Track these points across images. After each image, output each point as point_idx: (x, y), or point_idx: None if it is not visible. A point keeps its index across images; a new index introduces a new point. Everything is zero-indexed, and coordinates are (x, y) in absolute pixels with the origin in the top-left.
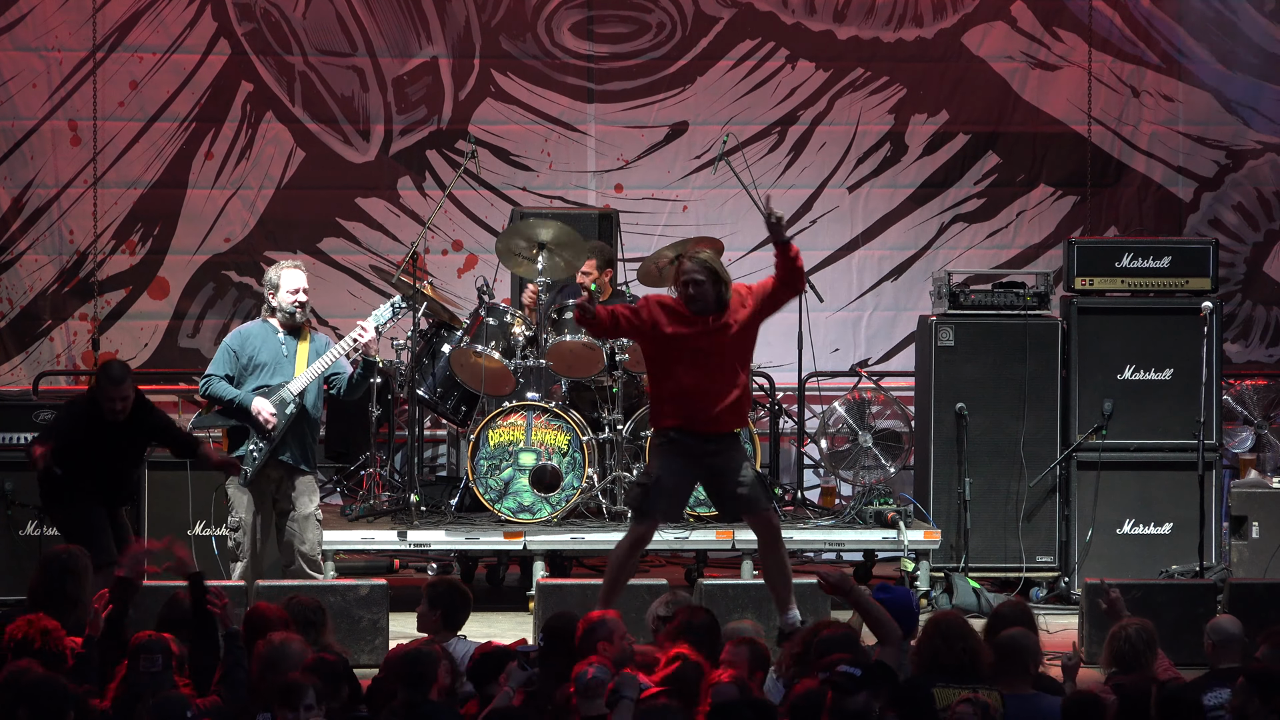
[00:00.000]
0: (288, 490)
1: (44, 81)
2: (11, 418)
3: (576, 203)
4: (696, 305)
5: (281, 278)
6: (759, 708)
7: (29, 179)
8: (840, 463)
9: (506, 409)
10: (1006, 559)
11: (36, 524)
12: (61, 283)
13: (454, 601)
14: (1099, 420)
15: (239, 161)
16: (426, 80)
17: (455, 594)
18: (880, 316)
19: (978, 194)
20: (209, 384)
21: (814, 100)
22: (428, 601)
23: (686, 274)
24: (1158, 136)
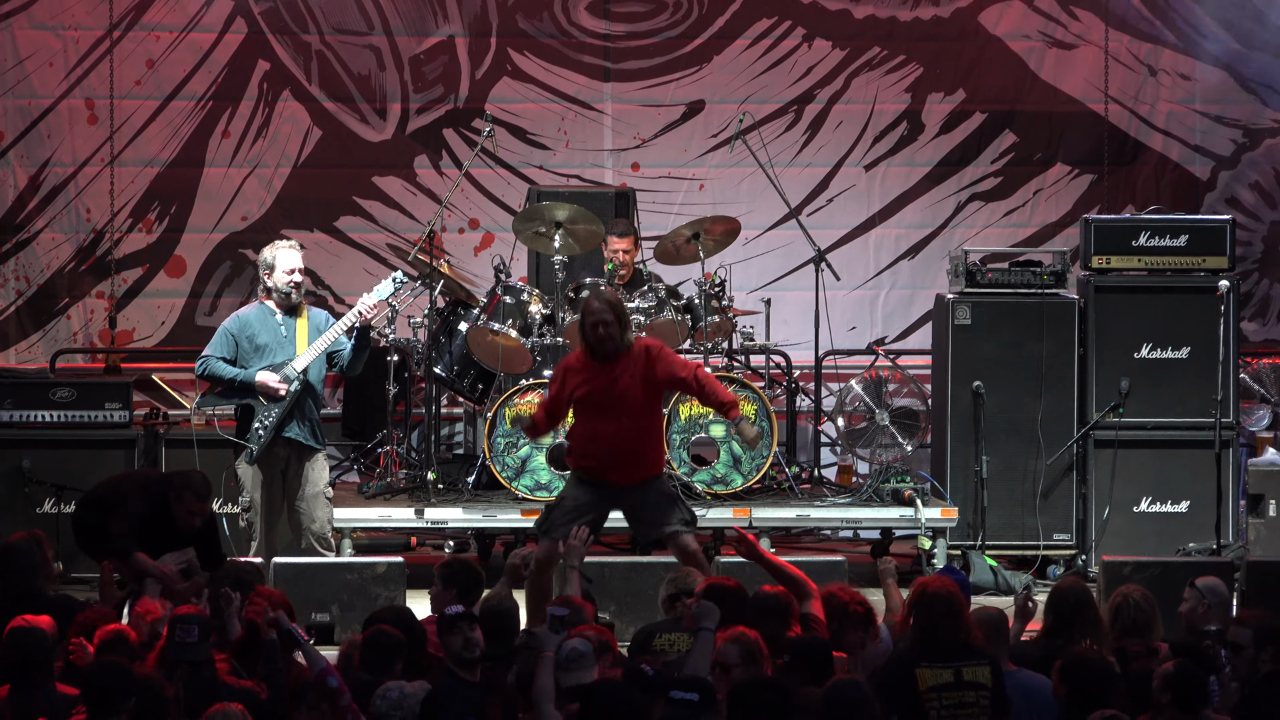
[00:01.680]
0: (297, 467)
1: (61, 60)
2: (29, 395)
3: (593, 181)
4: (606, 346)
5: (277, 258)
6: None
7: (46, 157)
8: (857, 441)
9: (523, 387)
10: (1023, 537)
11: (54, 501)
12: (78, 261)
13: (467, 581)
14: (1116, 398)
15: (256, 140)
16: (443, 59)
17: (468, 573)
18: (897, 295)
19: (994, 173)
20: (206, 364)
21: (830, 79)
22: (441, 581)
23: (595, 314)
24: (1175, 115)
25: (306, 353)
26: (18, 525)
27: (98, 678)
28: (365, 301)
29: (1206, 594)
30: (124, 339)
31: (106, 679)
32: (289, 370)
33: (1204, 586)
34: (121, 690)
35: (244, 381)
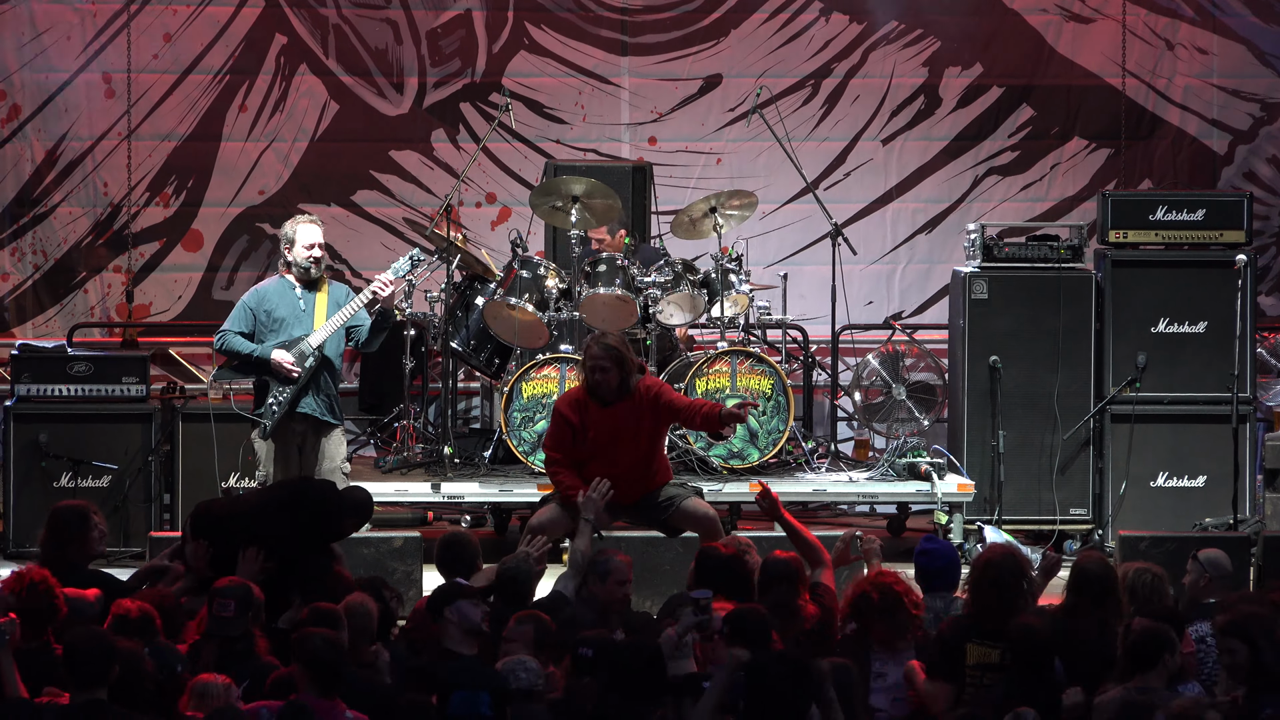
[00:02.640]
0: (314, 443)
1: (78, 34)
2: (46, 370)
3: (610, 155)
4: (601, 392)
5: (297, 233)
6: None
7: (63, 132)
8: (874, 415)
9: (540, 361)
10: (1040, 511)
11: (71, 475)
12: (95, 235)
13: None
14: (1133, 373)
15: (273, 114)
16: (460, 33)
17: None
18: (914, 269)
19: (1012, 147)
20: (224, 339)
21: (848, 53)
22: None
23: (593, 360)
24: (1192, 89)
25: (324, 327)
26: (35, 499)
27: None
28: (384, 278)
29: (1208, 567)
30: (141, 313)
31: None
32: (305, 345)
33: (1205, 559)
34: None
35: (260, 357)
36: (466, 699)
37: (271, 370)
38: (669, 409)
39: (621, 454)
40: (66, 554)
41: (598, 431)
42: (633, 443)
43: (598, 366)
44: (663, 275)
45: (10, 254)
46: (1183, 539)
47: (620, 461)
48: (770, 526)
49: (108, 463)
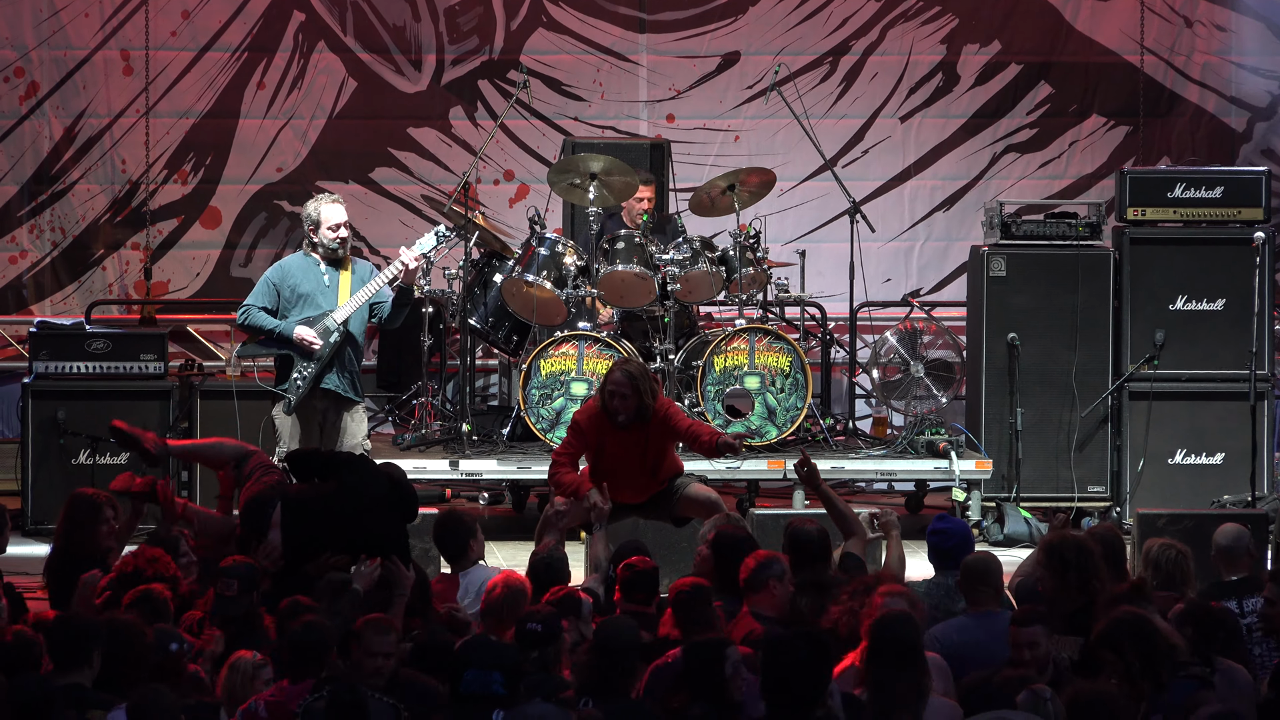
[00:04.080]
0: (335, 419)
1: (96, 11)
2: (64, 347)
3: (628, 133)
4: (618, 418)
5: (321, 213)
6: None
7: (81, 109)
8: (892, 393)
9: (558, 339)
10: (1058, 489)
11: (89, 452)
12: (114, 212)
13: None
14: (1151, 350)
15: (291, 91)
16: (478, 10)
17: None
18: (932, 247)
19: (1030, 124)
20: (248, 314)
21: (866, 30)
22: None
23: (614, 385)
24: (1210, 66)
25: (348, 304)
26: (54, 476)
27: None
28: (407, 254)
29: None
30: (159, 290)
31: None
32: (329, 321)
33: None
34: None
35: (282, 333)
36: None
37: (294, 345)
38: (673, 431)
39: (634, 471)
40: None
41: (612, 451)
42: (642, 460)
43: (617, 393)
44: (681, 252)
45: (29, 231)
46: (1200, 516)
47: (633, 477)
48: (787, 504)
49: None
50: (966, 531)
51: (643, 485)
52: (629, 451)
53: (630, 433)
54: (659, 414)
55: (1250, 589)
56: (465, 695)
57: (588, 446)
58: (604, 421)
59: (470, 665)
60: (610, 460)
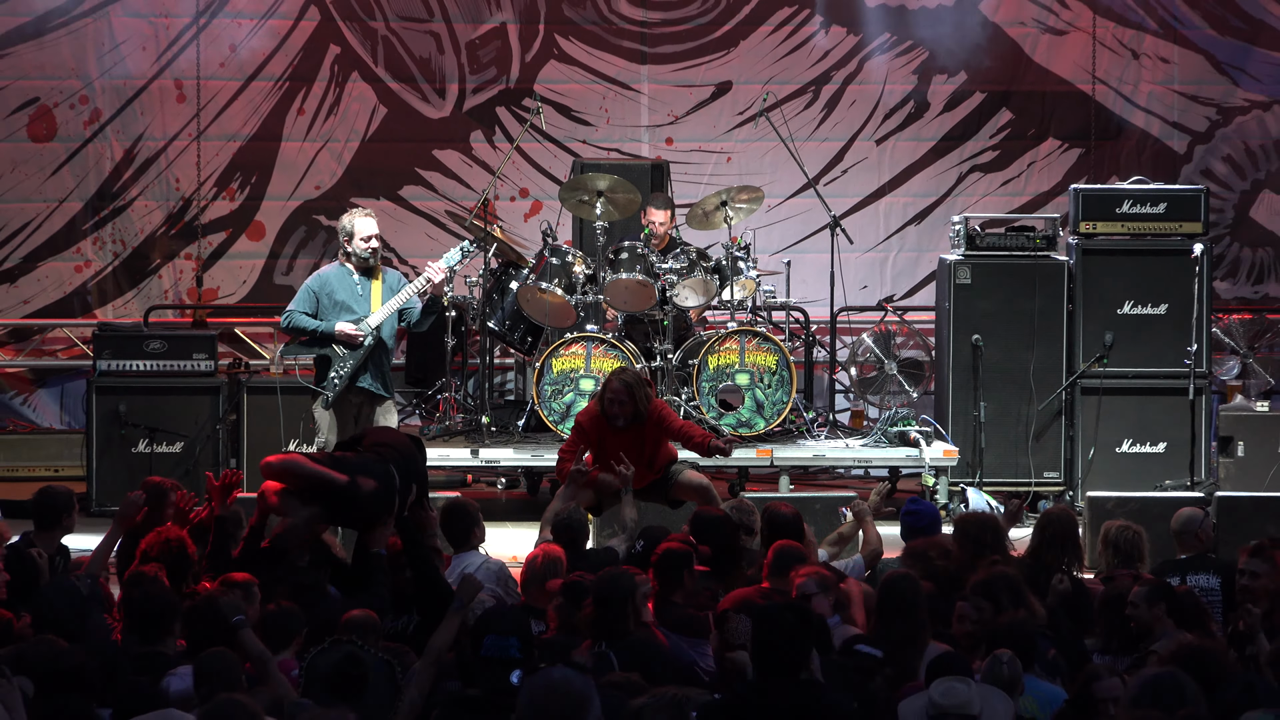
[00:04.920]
0: (369, 414)
1: (152, 45)
2: (124, 347)
3: (631, 154)
4: (616, 422)
5: (355, 226)
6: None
7: (139, 133)
8: (868, 388)
9: (568, 339)
10: (1017, 475)
11: (147, 442)
12: (168, 226)
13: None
14: (1101, 350)
15: (328, 117)
16: (496, 44)
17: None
18: (904, 257)
19: (992, 147)
20: (290, 318)
21: (845, 62)
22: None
23: (613, 393)
24: (1155, 95)
25: (381, 310)
26: (115, 464)
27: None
28: (438, 267)
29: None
30: (209, 296)
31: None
32: (364, 325)
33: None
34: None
35: (324, 333)
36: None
37: (337, 340)
38: (667, 431)
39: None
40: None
41: (611, 448)
42: (639, 456)
43: (615, 400)
44: (679, 262)
45: (92, 243)
46: (1145, 499)
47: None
48: (773, 488)
49: (180, 431)
50: (935, 513)
51: (640, 475)
52: (627, 448)
53: (628, 432)
54: (653, 416)
55: (1198, 566)
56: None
57: (589, 444)
58: (603, 423)
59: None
60: (611, 456)
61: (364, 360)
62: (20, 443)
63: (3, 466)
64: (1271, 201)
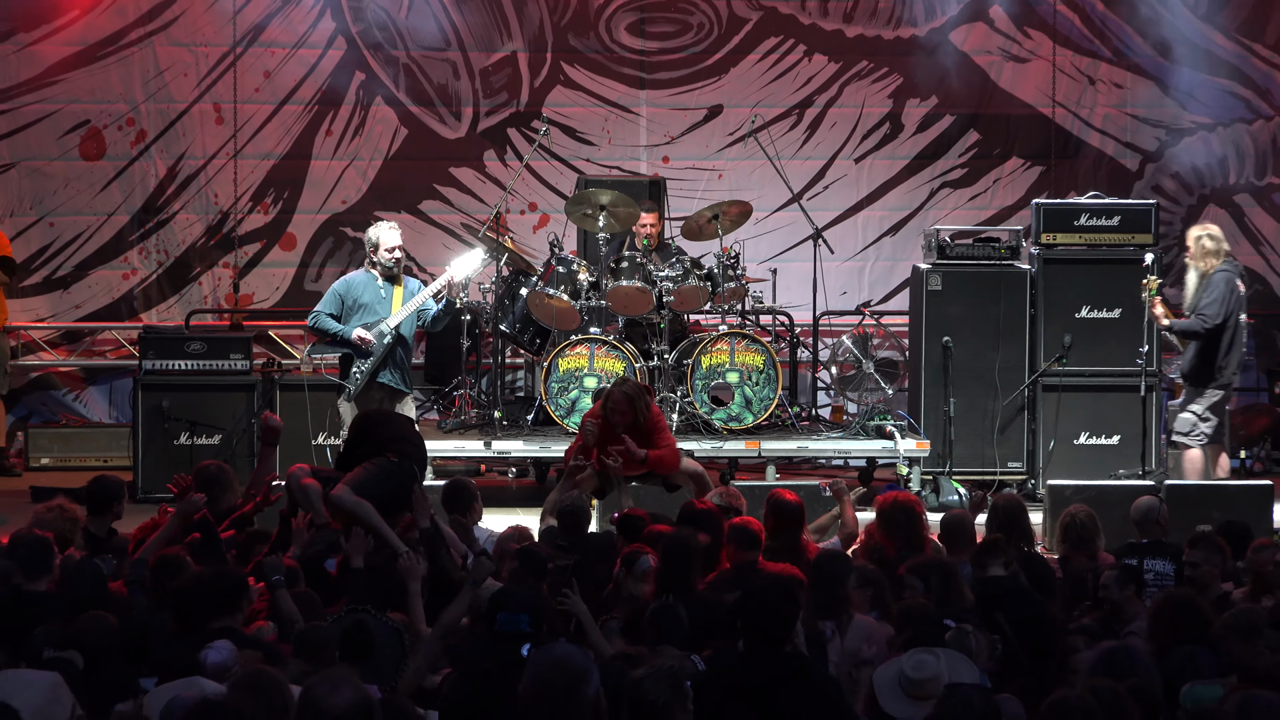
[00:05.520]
0: (389, 407)
1: (193, 71)
2: (167, 348)
3: (631, 171)
4: (617, 430)
5: (380, 238)
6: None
7: (181, 152)
8: (847, 386)
9: (573, 341)
10: (984, 465)
11: (188, 435)
12: (208, 237)
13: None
14: (1060, 351)
15: (353, 137)
16: (507, 71)
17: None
18: (881, 265)
19: (961, 165)
20: (316, 319)
21: (826, 87)
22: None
23: (613, 403)
24: (1109, 117)
25: (400, 312)
26: (159, 455)
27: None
28: (453, 271)
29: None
30: (245, 301)
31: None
32: (384, 326)
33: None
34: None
35: (344, 335)
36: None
37: (353, 344)
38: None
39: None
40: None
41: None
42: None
43: (616, 409)
44: (674, 270)
45: (138, 253)
46: (1101, 487)
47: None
48: (760, 477)
49: (218, 425)
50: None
51: (638, 466)
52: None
53: (627, 434)
54: (651, 423)
55: (1155, 551)
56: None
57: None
58: (605, 424)
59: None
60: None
61: (384, 358)
62: (73, 435)
63: (57, 457)
64: (1216, 215)
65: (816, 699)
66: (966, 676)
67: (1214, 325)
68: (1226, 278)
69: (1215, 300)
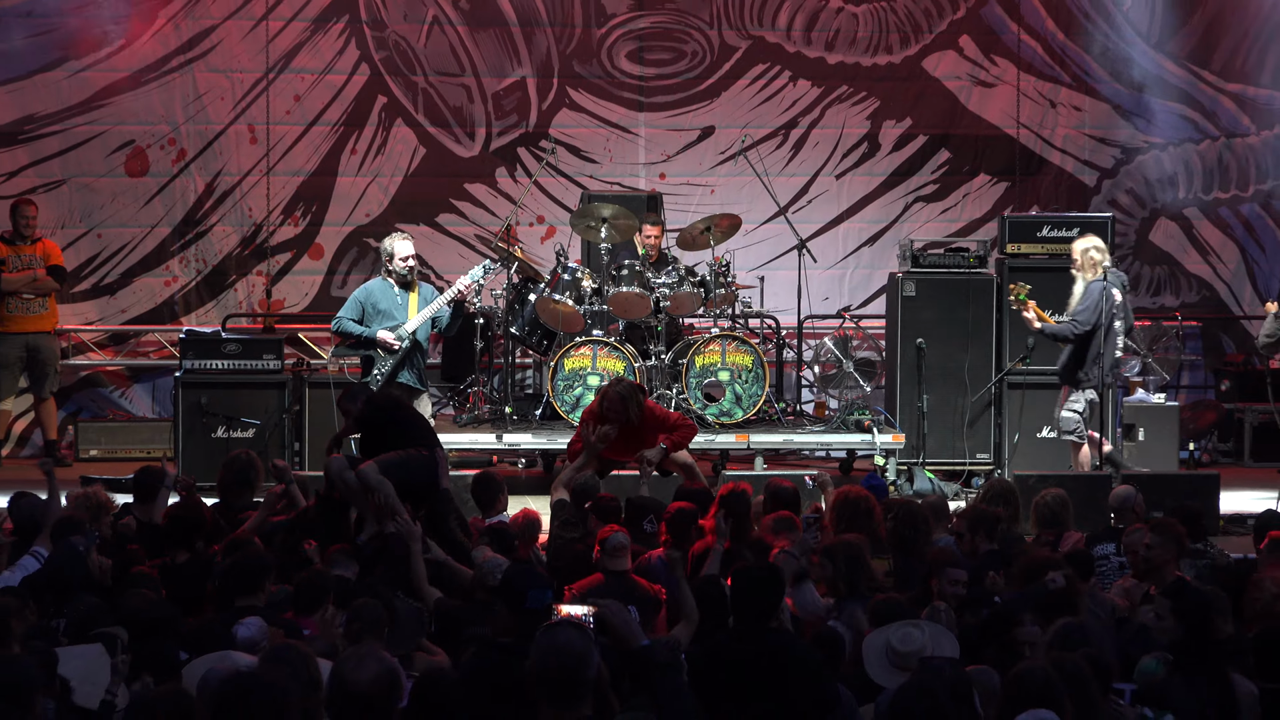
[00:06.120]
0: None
1: (229, 95)
2: (206, 349)
3: (630, 187)
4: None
5: (395, 248)
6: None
7: (218, 169)
8: (829, 383)
9: (578, 342)
10: (954, 456)
11: (224, 429)
12: (243, 247)
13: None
14: (1024, 352)
15: (376, 156)
16: (517, 94)
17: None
18: (860, 273)
19: (933, 181)
20: (340, 323)
21: (810, 110)
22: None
23: (609, 402)
24: (1069, 138)
25: (416, 318)
26: (198, 447)
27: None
28: (462, 281)
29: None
30: (277, 306)
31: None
32: (401, 331)
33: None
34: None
35: (367, 337)
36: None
37: (377, 345)
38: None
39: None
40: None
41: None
42: (629, 445)
43: (612, 408)
44: (670, 277)
45: (179, 262)
46: (1061, 477)
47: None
48: (749, 466)
49: (252, 419)
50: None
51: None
52: (622, 439)
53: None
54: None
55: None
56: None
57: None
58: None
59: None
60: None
61: (402, 359)
62: (119, 429)
63: (104, 449)
64: (1167, 227)
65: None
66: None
67: (1083, 331)
68: (1102, 287)
69: (1088, 307)
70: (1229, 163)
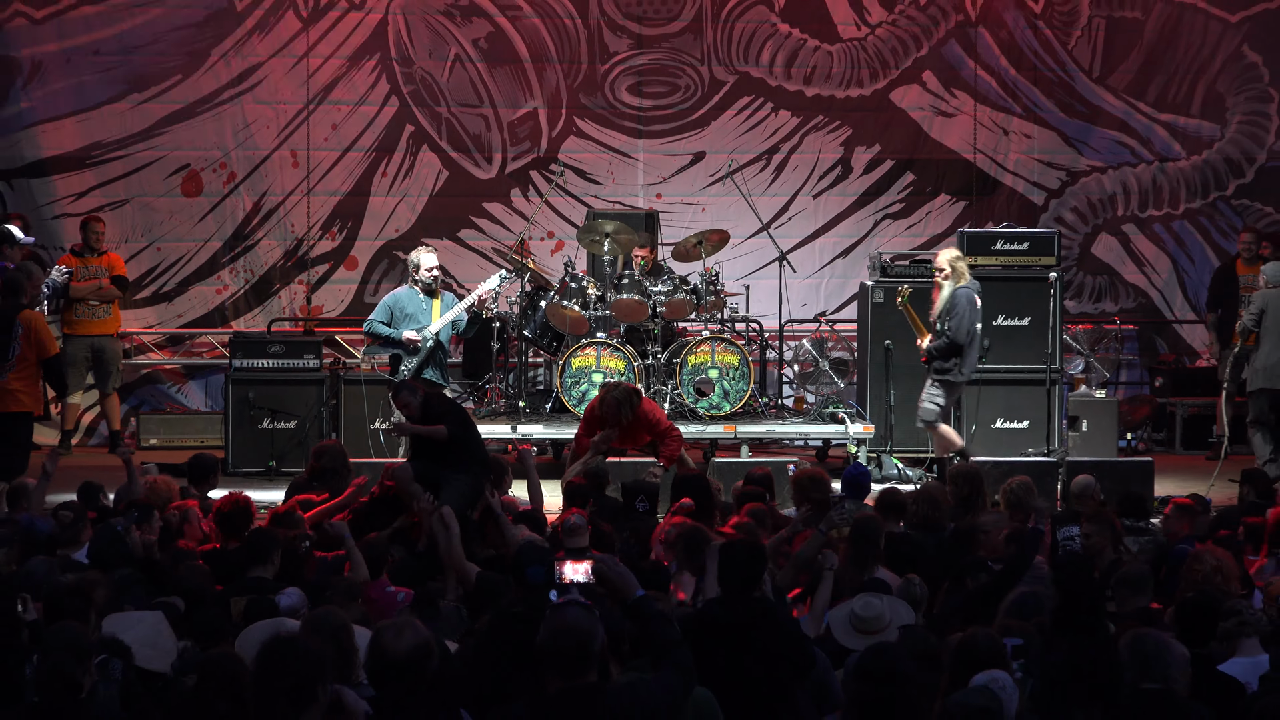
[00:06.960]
0: None
1: (274, 124)
2: (253, 349)
3: (630, 205)
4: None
5: (420, 259)
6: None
7: (264, 190)
8: (807, 380)
9: (584, 344)
10: (919, 444)
11: (270, 421)
12: (286, 259)
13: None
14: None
15: (404, 178)
16: (530, 123)
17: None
18: (834, 282)
19: (899, 200)
20: (371, 325)
21: (790, 137)
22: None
23: (606, 405)
24: (1021, 162)
25: (438, 322)
26: (246, 438)
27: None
28: (481, 289)
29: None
30: (316, 312)
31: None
32: (426, 332)
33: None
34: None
35: (395, 337)
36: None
37: (403, 344)
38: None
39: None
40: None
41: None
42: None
43: (609, 411)
44: (666, 286)
45: (229, 272)
46: (1013, 463)
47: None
48: (736, 454)
49: (294, 412)
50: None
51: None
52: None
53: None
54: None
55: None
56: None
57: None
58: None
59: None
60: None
61: (426, 357)
62: (176, 421)
63: (162, 439)
64: (1107, 241)
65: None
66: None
67: (965, 339)
68: (968, 294)
69: (962, 314)
70: (1162, 184)
